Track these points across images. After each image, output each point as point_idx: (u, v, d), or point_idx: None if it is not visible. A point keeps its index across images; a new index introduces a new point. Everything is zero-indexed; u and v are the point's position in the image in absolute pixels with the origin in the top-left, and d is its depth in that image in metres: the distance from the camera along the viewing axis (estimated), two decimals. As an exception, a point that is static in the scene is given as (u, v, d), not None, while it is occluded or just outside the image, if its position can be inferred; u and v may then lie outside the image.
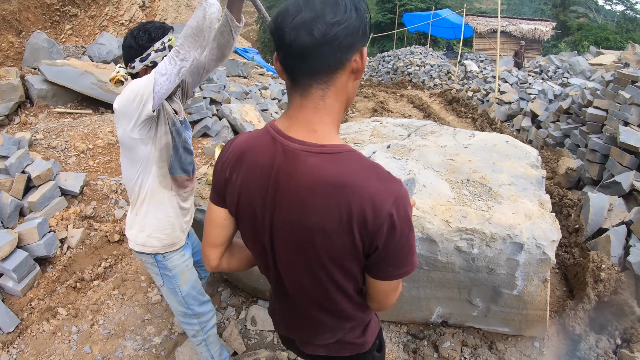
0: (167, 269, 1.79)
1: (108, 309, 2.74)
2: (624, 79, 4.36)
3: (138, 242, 1.74)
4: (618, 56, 10.67)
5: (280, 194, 0.88)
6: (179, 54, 1.40)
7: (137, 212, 1.73)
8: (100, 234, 3.20)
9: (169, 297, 1.88)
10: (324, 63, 0.80)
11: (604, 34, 20.06)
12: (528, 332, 2.44)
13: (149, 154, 1.61)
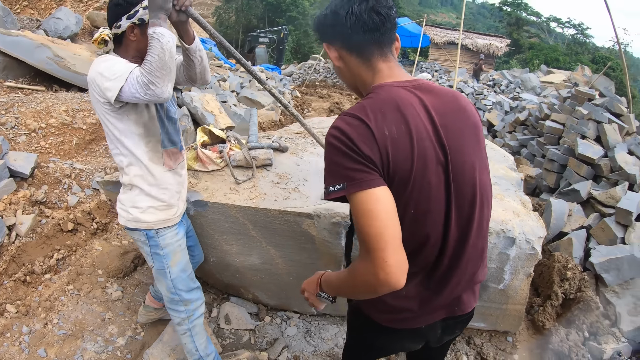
0: (158, 246, 1.69)
1: (63, 306, 2.43)
2: (581, 96, 4.72)
3: (130, 218, 1.65)
4: (568, 76, 11.65)
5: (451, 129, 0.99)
6: (149, 88, 1.35)
7: (130, 188, 1.65)
8: (52, 221, 2.85)
9: (159, 279, 1.78)
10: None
11: (554, 55, 21.56)
12: (502, 327, 2.50)
13: (131, 130, 1.54)
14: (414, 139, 0.92)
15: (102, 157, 3.97)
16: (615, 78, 13.73)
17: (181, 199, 1.77)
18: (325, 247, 2.05)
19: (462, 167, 0.99)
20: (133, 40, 1.53)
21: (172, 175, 1.69)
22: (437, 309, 1.12)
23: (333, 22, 1.04)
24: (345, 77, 1.12)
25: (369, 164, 0.89)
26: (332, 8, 1.05)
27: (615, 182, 3.64)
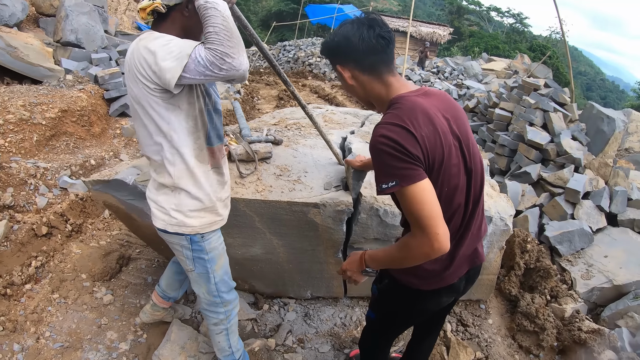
0: (203, 251, 1.58)
1: (52, 317, 2.32)
2: (528, 86, 5.21)
3: (173, 222, 1.50)
4: (508, 64, 12.52)
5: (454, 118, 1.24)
6: (225, 62, 1.20)
7: (173, 190, 1.49)
8: (25, 227, 2.68)
9: (199, 283, 1.68)
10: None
11: (494, 43, 22.61)
12: (476, 296, 2.80)
13: (181, 124, 1.38)
14: (440, 134, 1.16)
15: (64, 153, 3.74)
16: (552, 65, 14.98)
17: (228, 200, 1.69)
18: (327, 233, 2.17)
19: (471, 148, 1.28)
20: (185, 15, 1.34)
21: (218, 174, 1.58)
22: (463, 263, 1.38)
23: (346, 48, 1.24)
24: (358, 93, 1.32)
25: (416, 161, 1.11)
26: (343, 35, 1.24)
27: (562, 165, 4.12)
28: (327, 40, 1.30)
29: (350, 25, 1.24)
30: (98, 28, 5.27)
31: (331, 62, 1.31)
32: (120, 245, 3.04)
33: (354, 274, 1.40)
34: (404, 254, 1.18)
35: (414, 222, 1.11)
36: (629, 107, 15.68)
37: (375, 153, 1.15)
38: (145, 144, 1.46)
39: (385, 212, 2.09)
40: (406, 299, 1.46)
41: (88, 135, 4.18)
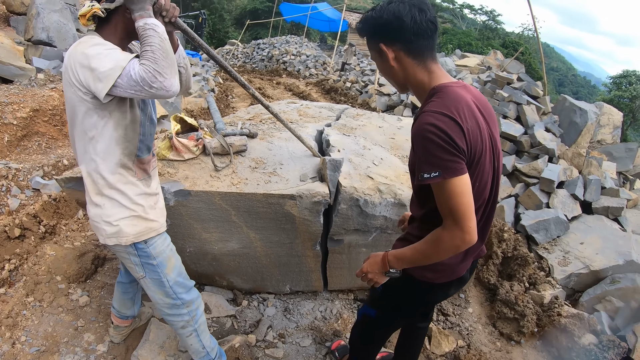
0: (150, 256, 1.55)
1: (27, 321, 2.25)
2: (501, 80, 5.31)
3: (109, 234, 1.48)
4: (481, 60, 12.67)
5: (488, 116, 1.25)
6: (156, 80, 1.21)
7: (98, 202, 1.46)
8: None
9: (152, 288, 1.64)
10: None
11: (467, 39, 22.83)
12: (456, 287, 2.84)
13: (109, 132, 1.36)
14: (480, 129, 1.17)
15: (37, 154, 3.64)
16: (524, 61, 15.29)
17: (162, 206, 1.65)
18: (304, 225, 2.17)
19: (498, 146, 1.31)
20: (128, 17, 1.32)
21: (146, 186, 1.54)
22: (471, 255, 1.41)
23: (397, 27, 1.19)
24: (398, 76, 1.28)
25: (461, 154, 1.11)
26: (394, 13, 1.19)
27: (536, 156, 4.22)
28: (372, 16, 1.24)
29: (401, 4, 1.19)
30: (70, 26, 5.14)
31: (373, 39, 1.26)
32: (95, 245, 2.97)
33: (375, 276, 1.37)
34: (435, 249, 1.18)
35: (449, 214, 1.13)
36: (600, 101, 16.18)
37: (420, 141, 1.12)
38: (78, 151, 1.43)
39: (366, 202, 2.11)
40: (416, 293, 1.46)
41: (60, 135, 4.07)
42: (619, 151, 4.72)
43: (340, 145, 2.47)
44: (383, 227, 2.31)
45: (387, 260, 1.33)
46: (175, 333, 1.88)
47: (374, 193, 2.17)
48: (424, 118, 1.13)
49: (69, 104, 1.35)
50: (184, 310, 1.71)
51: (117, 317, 2.12)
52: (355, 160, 2.36)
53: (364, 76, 10.95)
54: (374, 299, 1.64)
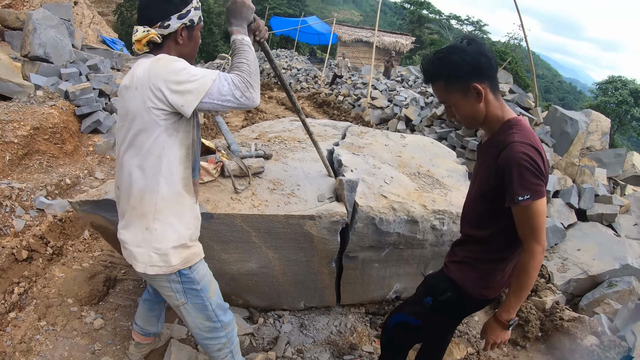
0: (194, 282, 1.52)
1: (41, 346, 2.22)
2: (494, 92, 5.46)
3: (154, 261, 1.42)
4: None
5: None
6: (247, 91, 1.30)
7: (150, 225, 1.40)
8: (4, 251, 2.56)
9: (194, 313, 1.60)
10: None
11: None
12: (463, 297, 2.92)
13: (172, 151, 1.36)
14: (545, 160, 1.31)
15: (38, 172, 3.60)
16: (512, 70, 15.68)
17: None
18: (322, 244, 2.22)
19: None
20: (180, 43, 1.39)
21: (197, 208, 1.56)
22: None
23: (489, 66, 1.28)
24: (480, 113, 1.35)
25: (544, 179, 1.27)
26: (482, 52, 1.28)
27: (531, 166, 4.34)
28: (462, 59, 1.27)
29: (475, 43, 1.28)
30: (66, 42, 5.10)
31: (460, 80, 1.30)
32: (104, 266, 2.96)
33: (501, 337, 1.45)
34: (532, 275, 1.30)
35: (532, 233, 1.28)
36: (587, 107, 16.66)
37: (515, 168, 1.24)
38: (128, 165, 1.39)
39: (381, 220, 2.17)
40: (468, 308, 1.58)
41: (61, 153, 4.04)
42: (609, 157, 4.91)
43: (352, 165, 2.54)
44: (396, 243, 2.38)
45: (503, 320, 1.41)
46: (209, 356, 1.86)
47: (388, 211, 2.24)
48: (516, 148, 1.25)
49: (131, 119, 1.32)
50: (222, 333, 1.69)
51: (140, 334, 2.11)
52: (368, 180, 2.43)
53: (355, 89, 11.06)
54: (419, 310, 1.67)
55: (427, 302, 1.62)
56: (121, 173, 1.44)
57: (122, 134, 1.38)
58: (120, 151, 1.42)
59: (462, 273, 1.54)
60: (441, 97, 1.38)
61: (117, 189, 1.51)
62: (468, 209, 1.58)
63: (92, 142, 4.56)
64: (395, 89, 10.47)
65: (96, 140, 4.60)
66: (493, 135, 1.38)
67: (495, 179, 1.32)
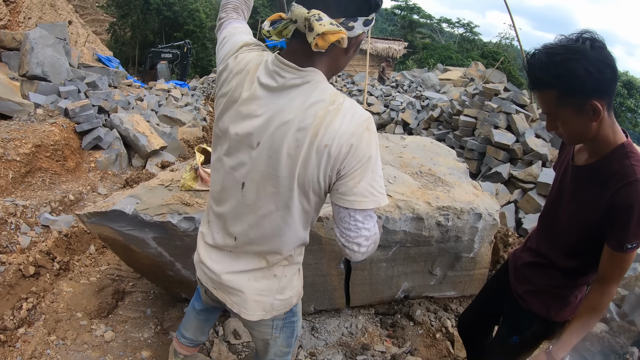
0: (295, 315, 1.41)
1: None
2: (489, 92, 5.55)
3: (275, 306, 1.28)
4: (463, 72, 13.12)
5: None
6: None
7: (278, 273, 1.25)
8: (11, 268, 2.56)
9: (278, 344, 1.45)
10: None
11: (447, 53, 23.36)
12: (469, 291, 2.92)
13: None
14: None
15: (41, 189, 3.62)
16: (504, 70, 15.87)
17: None
18: (330, 245, 2.24)
19: None
20: (344, 55, 1.03)
21: None
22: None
23: (612, 80, 1.05)
24: (590, 133, 1.13)
25: None
26: (605, 60, 1.03)
27: (530, 162, 4.41)
28: (585, 69, 1.02)
29: (598, 46, 1.04)
30: (63, 61, 5.16)
31: (579, 96, 1.06)
32: (111, 280, 2.96)
33: None
34: (599, 314, 1.25)
35: (613, 277, 1.21)
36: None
37: (636, 211, 1.08)
38: (283, 233, 1.16)
39: (387, 218, 2.20)
40: (555, 331, 1.49)
41: (63, 170, 4.06)
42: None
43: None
44: (402, 242, 2.40)
45: (557, 357, 1.30)
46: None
47: (394, 210, 2.27)
48: (638, 188, 1.08)
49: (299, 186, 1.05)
50: (289, 357, 1.58)
51: (189, 346, 1.95)
52: (373, 179, 2.46)
53: (351, 96, 11.20)
54: (509, 351, 1.59)
55: (514, 342, 1.54)
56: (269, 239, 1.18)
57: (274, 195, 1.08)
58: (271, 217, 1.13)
59: (544, 304, 1.44)
60: (547, 109, 1.15)
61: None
62: (554, 230, 1.39)
63: (93, 159, 4.60)
64: (391, 94, 10.60)
65: (97, 156, 4.64)
66: (602, 160, 1.17)
67: (603, 216, 1.16)
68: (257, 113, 1.02)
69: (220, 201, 1.20)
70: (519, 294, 1.52)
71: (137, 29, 23.96)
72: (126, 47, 24.05)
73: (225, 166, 1.13)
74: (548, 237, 1.43)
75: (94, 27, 20.91)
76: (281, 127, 0.99)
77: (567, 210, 1.32)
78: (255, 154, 1.04)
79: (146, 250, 2.21)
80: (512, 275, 1.61)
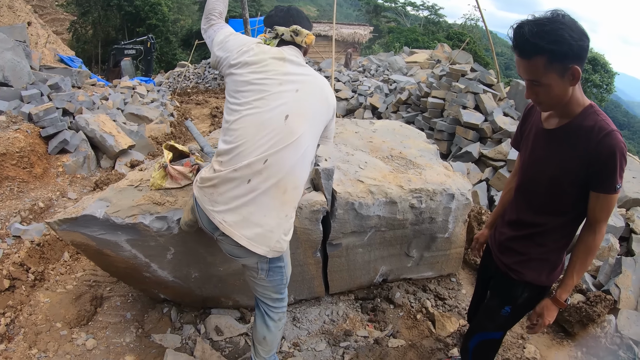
0: (282, 259, 1.70)
1: None
2: (455, 73, 5.63)
3: (278, 247, 1.57)
4: (430, 54, 13.16)
5: None
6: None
7: (289, 212, 1.58)
8: (-17, 283, 2.50)
9: (269, 287, 1.76)
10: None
11: (413, 36, 23.15)
12: (447, 270, 3.01)
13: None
14: None
15: (10, 199, 3.51)
16: (470, 51, 16.02)
17: None
18: (305, 235, 2.27)
19: None
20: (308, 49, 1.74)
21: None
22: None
23: (587, 47, 1.20)
24: (565, 96, 1.28)
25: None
26: (582, 30, 1.18)
27: (499, 140, 4.52)
28: (570, 37, 1.15)
29: (571, 18, 1.18)
30: (24, 64, 4.96)
31: (564, 61, 1.19)
32: (88, 286, 2.91)
33: (553, 317, 1.48)
34: (594, 254, 1.37)
35: (603, 218, 1.34)
36: (546, 79, 17.19)
37: (618, 157, 1.24)
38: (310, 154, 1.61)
39: (360, 204, 2.23)
40: (544, 294, 1.57)
41: (30, 177, 3.94)
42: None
43: (325, 154, 2.58)
44: (377, 226, 2.45)
45: (562, 300, 1.44)
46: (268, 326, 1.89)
47: (366, 195, 2.31)
48: (617, 137, 1.25)
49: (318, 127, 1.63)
50: (285, 302, 1.86)
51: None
52: (343, 167, 2.49)
53: (319, 82, 11.11)
54: (500, 322, 1.69)
55: (505, 312, 1.62)
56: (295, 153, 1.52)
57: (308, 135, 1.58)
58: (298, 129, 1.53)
59: (535, 271, 1.52)
60: (533, 74, 1.24)
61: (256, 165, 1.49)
62: (536, 195, 1.49)
63: (60, 163, 4.48)
64: (358, 79, 10.58)
65: (65, 160, 4.52)
66: (575, 121, 1.32)
67: (588, 165, 1.29)
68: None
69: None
70: (507, 266, 1.59)
71: (99, 26, 23.19)
72: (88, 46, 23.27)
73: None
74: (529, 204, 1.51)
75: (54, 27, 20.10)
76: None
77: (546, 173, 1.42)
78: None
79: (120, 253, 2.19)
80: (495, 250, 1.68)
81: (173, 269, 2.27)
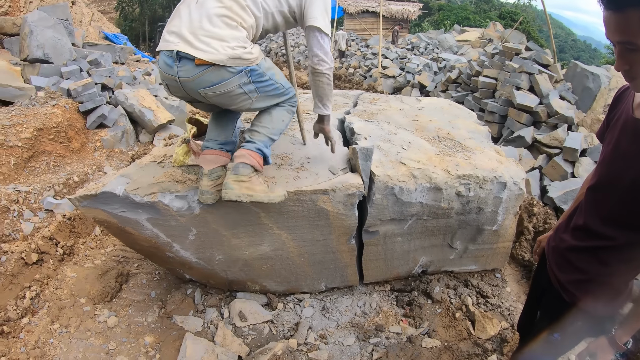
0: (262, 75, 1.64)
1: (55, 350, 2.14)
2: (509, 51, 5.15)
3: (236, 54, 1.52)
4: (481, 33, 12.47)
5: None
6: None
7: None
8: (13, 257, 2.49)
9: (266, 99, 1.74)
10: None
11: (464, 14, 22.23)
12: (491, 265, 2.72)
13: None
14: None
15: (45, 173, 3.53)
16: (524, 31, 14.97)
17: None
18: (339, 220, 2.06)
19: None
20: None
21: None
22: None
23: None
24: None
25: None
26: None
27: (555, 126, 4.07)
28: None
29: None
30: (65, 41, 5.00)
31: None
32: (116, 262, 2.88)
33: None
34: None
35: None
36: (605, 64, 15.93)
37: None
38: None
39: (401, 189, 1.99)
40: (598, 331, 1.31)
41: (67, 151, 3.97)
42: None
43: (365, 132, 2.35)
44: (419, 214, 2.20)
45: (620, 342, 1.16)
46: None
47: (408, 179, 2.06)
48: None
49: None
50: (291, 92, 1.83)
51: (216, 149, 1.85)
52: (384, 147, 2.24)
53: (365, 60, 10.76)
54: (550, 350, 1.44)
55: (555, 339, 1.36)
56: None
57: None
58: None
59: (592, 296, 1.22)
60: (625, 33, 0.88)
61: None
62: (610, 200, 1.15)
63: (99, 137, 4.50)
64: (407, 56, 10.14)
65: (103, 135, 4.53)
66: None
67: None
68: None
69: None
70: (561, 284, 1.29)
71: (146, 4, 23.73)
72: (136, 24, 23.90)
73: None
74: (602, 210, 1.17)
75: (101, 6, 20.72)
76: None
77: (628, 173, 1.07)
78: None
79: (142, 232, 2.08)
80: (551, 260, 1.37)
81: (196, 250, 2.14)
